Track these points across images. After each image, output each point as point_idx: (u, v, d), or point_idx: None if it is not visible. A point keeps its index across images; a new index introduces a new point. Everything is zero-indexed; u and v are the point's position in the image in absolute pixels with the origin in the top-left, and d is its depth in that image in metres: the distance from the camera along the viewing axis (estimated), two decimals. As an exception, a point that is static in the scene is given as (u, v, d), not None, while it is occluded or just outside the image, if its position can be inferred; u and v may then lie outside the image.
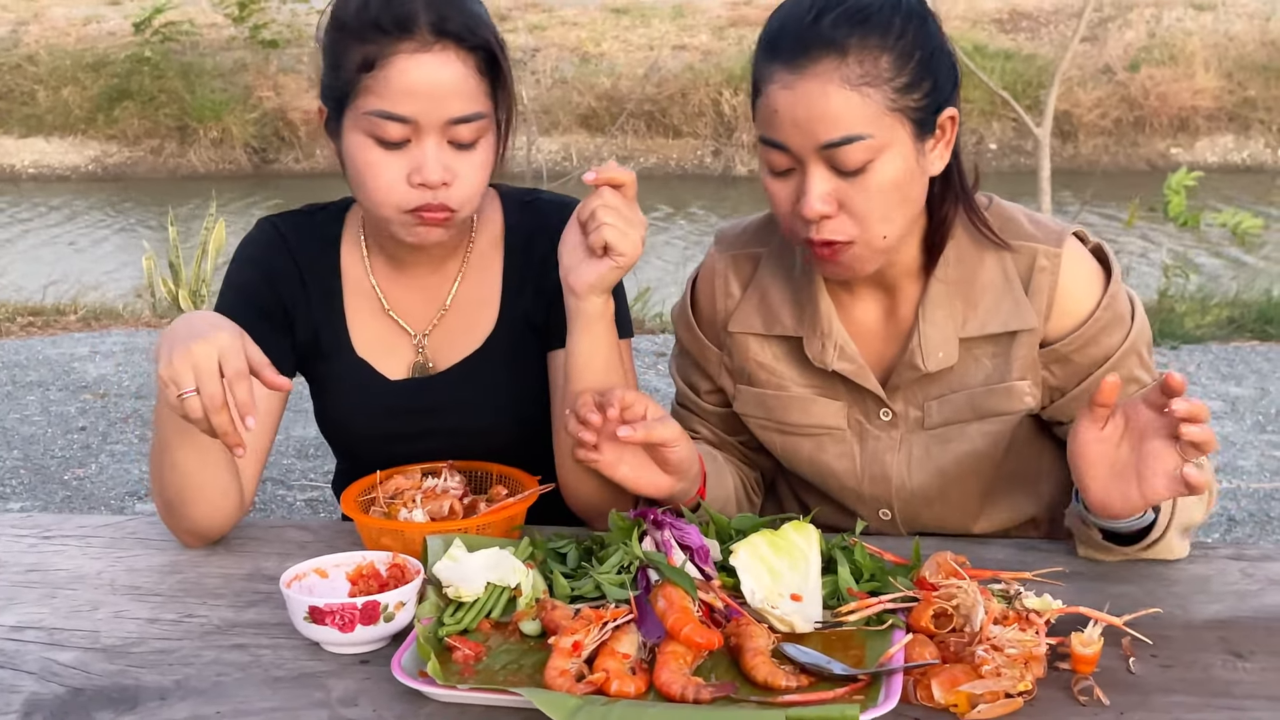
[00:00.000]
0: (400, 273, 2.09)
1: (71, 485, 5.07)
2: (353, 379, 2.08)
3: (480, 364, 2.07)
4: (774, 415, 2.00)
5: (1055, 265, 1.86)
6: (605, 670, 1.46)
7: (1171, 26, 14.84)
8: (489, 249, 2.11)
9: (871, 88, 1.69)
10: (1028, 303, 1.87)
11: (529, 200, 2.14)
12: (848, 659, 1.49)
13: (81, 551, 1.95)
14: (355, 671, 1.55)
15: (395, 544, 1.77)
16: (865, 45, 1.69)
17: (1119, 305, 1.90)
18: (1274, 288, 7.68)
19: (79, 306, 8.08)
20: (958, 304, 1.88)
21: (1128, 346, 1.89)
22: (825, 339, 1.92)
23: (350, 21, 1.87)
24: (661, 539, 1.67)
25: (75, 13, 16.86)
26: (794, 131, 1.72)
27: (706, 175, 14.23)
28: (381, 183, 1.88)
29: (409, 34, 1.83)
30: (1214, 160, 13.64)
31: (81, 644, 1.64)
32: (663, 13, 16.20)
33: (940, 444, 1.94)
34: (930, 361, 1.88)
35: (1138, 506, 1.65)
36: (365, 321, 2.09)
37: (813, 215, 1.73)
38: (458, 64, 1.85)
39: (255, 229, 2.13)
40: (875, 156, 1.71)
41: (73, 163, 14.80)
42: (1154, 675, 1.49)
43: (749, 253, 2.03)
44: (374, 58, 1.84)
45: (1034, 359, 1.89)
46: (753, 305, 2.00)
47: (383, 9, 1.84)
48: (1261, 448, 5.32)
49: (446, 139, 1.87)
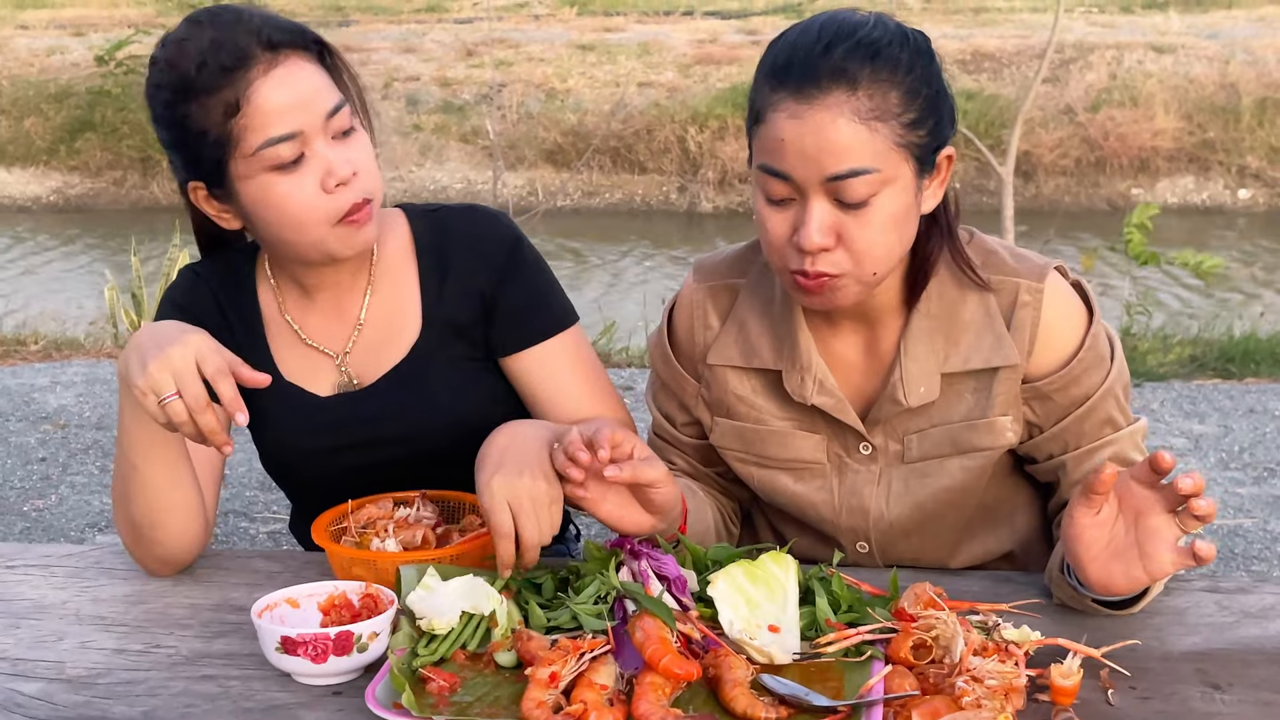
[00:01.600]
0: (310, 301, 2.10)
1: (31, 517, 5.01)
2: (285, 402, 2.07)
3: (409, 372, 2.07)
4: (752, 449, 1.99)
5: (1038, 301, 1.86)
6: (583, 701, 1.44)
7: (1132, 68, 15.01)
8: (399, 261, 2.11)
9: (880, 122, 1.68)
10: (1010, 339, 1.86)
11: (433, 210, 2.15)
12: (826, 690, 1.49)
13: (45, 581, 1.92)
14: (327, 703, 1.53)
15: (367, 574, 1.75)
16: (876, 79, 1.68)
17: (1100, 345, 1.89)
18: (1235, 327, 7.75)
19: (39, 337, 8.00)
20: (939, 339, 1.87)
21: (1106, 388, 1.89)
22: (805, 373, 1.91)
23: (194, 83, 1.85)
24: (638, 569, 1.66)
25: (38, 43, 16.79)
26: (800, 161, 1.70)
27: (672, 211, 14.26)
28: (301, 205, 1.88)
29: (252, 61, 1.84)
30: (1174, 201, 13.77)
31: (46, 675, 1.62)
32: (629, 50, 16.27)
33: (919, 478, 1.93)
34: (912, 397, 1.87)
35: (1142, 584, 1.61)
36: (288, 352, 2.10)
37: (812, 247, 1.72)
38: (305, 64, 1.89)
39: (179, 276, 2.15)
40: (879, 190, 1.70)
41: (34, 193, 14.70)
42: (1133, 707, 1.49)
43: (727, 284, 2.01)
44: (235, 98, 1.84)
45: (1016, 394, 1.88)
46: (731, 337, 1.98)
47: (215, 53, 1.84)
48: (1225, 484, 5.35)
49: (330, 135, 1.89)
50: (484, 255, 2.08)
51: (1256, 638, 1.67)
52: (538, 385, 2.08)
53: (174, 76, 1.86)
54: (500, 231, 2.10)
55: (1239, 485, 5.36)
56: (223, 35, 1.84)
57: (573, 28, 17.59)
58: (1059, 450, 1.92)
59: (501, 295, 2.07)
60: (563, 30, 17.14)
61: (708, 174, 14.31)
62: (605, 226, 12.98)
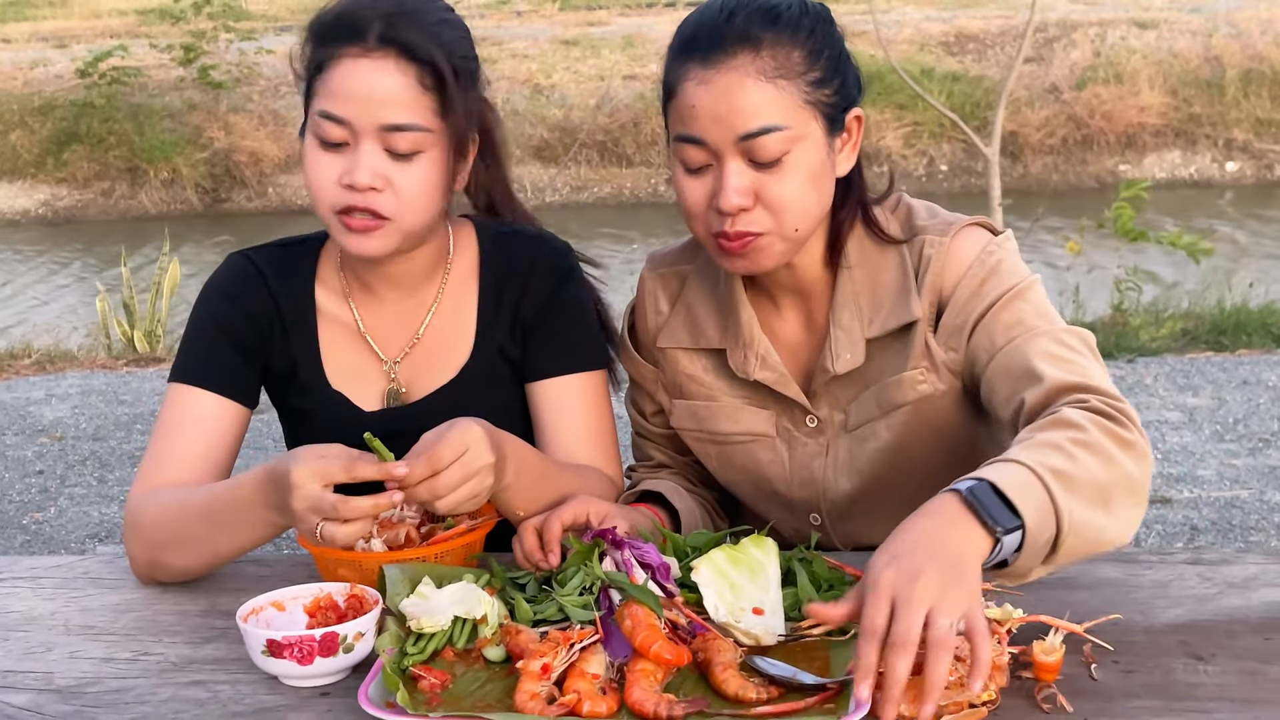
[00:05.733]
0: (375, 298, 2.10)
1: (30, 529, 5.02)
2: (327, 413, 2.08)
3: (455, 394, 2.07)
4: (705, 426, 2.03)
5: (942, 254, 1.87)
6: (576, 691, 1.45)
7: (1116, 45, 15.01)
8: (464, 281, 2.12)
9: (786, 80, 1.73)
10: (915, 293, 1.88)
11: (505, 232, 2.15)
12: (813, 668, 1.50)
13: (34, 593, 1.92)
14: (315, 704, 1.53)
15: (353, 575, 1.76)
16: (778, 40, 1.74)
17: (997, 260, 1.85)
18: (1226, 299, 7.76)
19: (33, 350, 8.01)
20: (864, 304, 1.91)
21: (1013, 293, 1.82)
22: (748, 349, 1.96)
23: (313, 29, 1.94)
24: (621, 558, 1.67)
25: (22, 56, 16.76)
26: (712, 125, 1.74)
27: (660, 204, 14.25)
28: (316, 182, 1.92)
29: (357, 39, 1.87)
30: (1162, 176, 13.78)
31: (35, 685, 1.62)
32: (612, 43, 16.26)
33: (859, 443, 1.95)
34: (839, 363, 1.91)
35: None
36: (339, 351, 2.09)
37: (730, 208, 1.75)
38: (397, 74, 1.88)
39: (227, 263, 2.13)
40: (791, 148, 1.75)
41: (22, 207, 14.68)
42: (1116, 681, 1.49)
43: (676, 270, 2.08)
44: (324, 60, 1.90)
45: (925, 346, 1.88)
46: (680, 320, 2.04)
47: (339, 16, 1.91)
48: (1221, 457, 5.37)
49: (383, 146, 1.89)
50: (534, 283, 2.09)
51: (1239, 608, 1.68)
52: (544, 414, 2.08)
53: (320, 16, 1.94)
54: (556, 262, 2.12)
55: (1234, 457, 5.38)
56: (363, 8, 1.89)
57: (556, 23, 17.57)
58: (983, 364, 1.81)
59: (540, 323, 2.08)
60: (546, 26, 17.13)
61: (696, 165, 14.27)
62: (594, 221, 12.98)
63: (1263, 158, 14.09)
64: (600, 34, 16.66)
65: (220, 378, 2.02)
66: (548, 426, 2.08)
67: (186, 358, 2.05)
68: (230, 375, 2.03)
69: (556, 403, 2.08)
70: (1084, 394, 1.65)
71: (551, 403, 2.08)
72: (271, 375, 2.11)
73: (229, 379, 2.03)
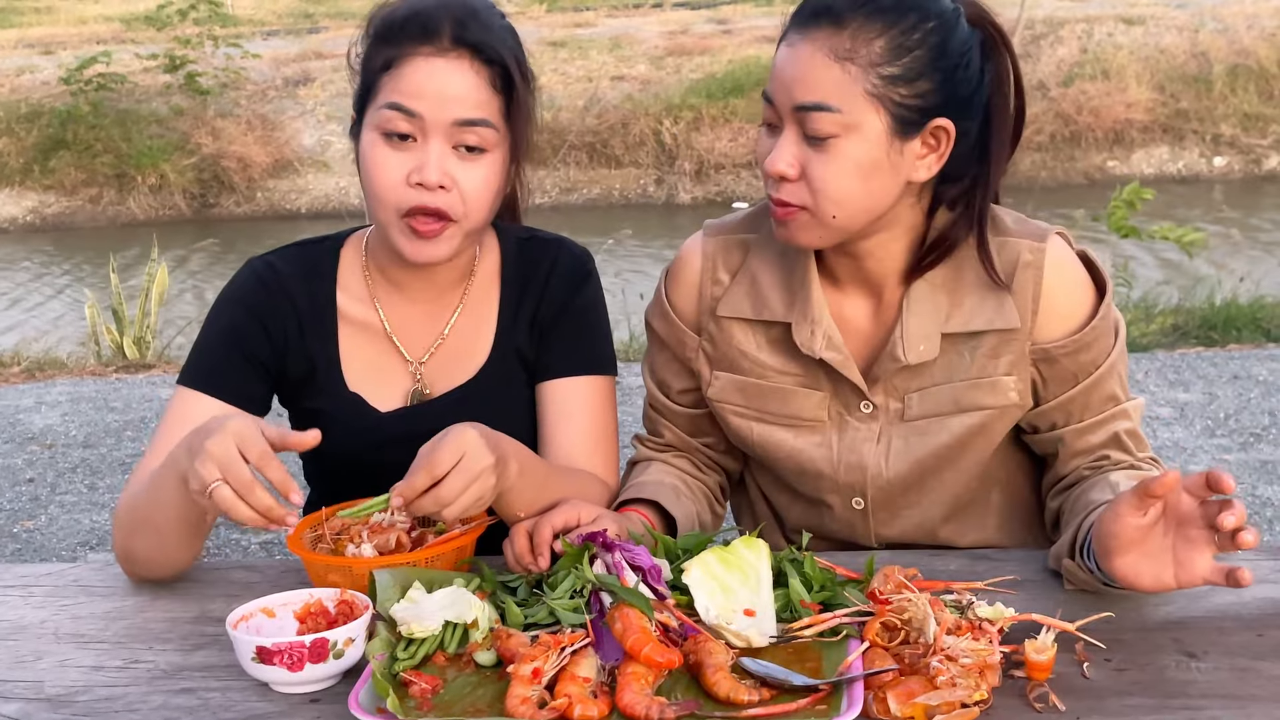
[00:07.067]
0: (403, 296, 2.11)
1: (21, 538, 5.00)
2: (343, 414, 2.08)
3: (471, 394, 2.08)
4: (753, 403, 2.01)
5: (1039, 261, 1.88)
6: (567, 695, 1.44)
7: (1103, 41, 15.04)
8: (486, 282, 2.13)
9: (855, 65, 1.73)
10: (1011, 301, 1.88)
11: (525, 237, 2.17)
12: (805, 670, 1.49)
13: (23, 601, 1.91)
14: (306, 711, 1.53)
15: (343, 580, 1.75)
16: (864, 26, 1.74)
17: (1112, 315, 1.93)
18: (1216, 294, 7.77)
19: (22, 358, 7.98)
20: (942, 299, 1.90)
21: (1113, 361, 1.91)
22: (815, 325, 1.93)
23: (381, 29, 1.95)
24: (612, 561, 1.66)
25: (8, 63, 16.74)
26: (779, 88, 1.78)
27: (650, 204, 14.27)
28: (383, 180, 1.91)
29: (430, 39, 1.89)
30: (1150, 171, 13.81)
31: (25, 694, 1.61)
32: (600, 44, 16.27)
33: (919, 435, 1.95)
34: (911, 354, 1.89)
35: (1169, 587, 1.58)
36: (359, 352, 2.10)
37: (773, 171, 1.79)
38: (470, 74, 1.90)
39: (246, 268, 2.13)
40: (842, 133, 1.75)
41: (10, 214, 14.65)
42: (1109, 679, 1.49)
43: (739, 239, 2.04)
44: (394, 58, 1.91)
45: (1022, 356, 1.90)
46: (743, 290, 2.01)
47: (411, 16, 1.92)
48: (1212, 452, 5.37)
49: (452, 144, 1.90)
50: (553, 286, 2.11)
51: (1231, 604, 1.68)
52: (548, 414, 2.09)
53: (386, 16, 1.95)
54: (575, 266, 2.14)
55: (1225, 452, 5.38)
56: (436, 9, 1.91)
57: (543, 24, 17.58)
58: (1062, 421, 1.93)
59: (555, 324, 2.10)
60: (533, 28, 17.12)
61: (684, 165, 14.32)
62: (584, 222, 12.96)
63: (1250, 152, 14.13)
64: (588, 35, 16.68)
65: (227, 384, 2.03)
66: (550, 426, 2.08)
67: (196, 362, 2.06)
68: (238, 383, 2.04)
69: (562, 403, 2.08)
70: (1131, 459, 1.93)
71: (557, 403, 2.09)
72: (286, 380, 2.11)
73: (236, 386, 2.03)
